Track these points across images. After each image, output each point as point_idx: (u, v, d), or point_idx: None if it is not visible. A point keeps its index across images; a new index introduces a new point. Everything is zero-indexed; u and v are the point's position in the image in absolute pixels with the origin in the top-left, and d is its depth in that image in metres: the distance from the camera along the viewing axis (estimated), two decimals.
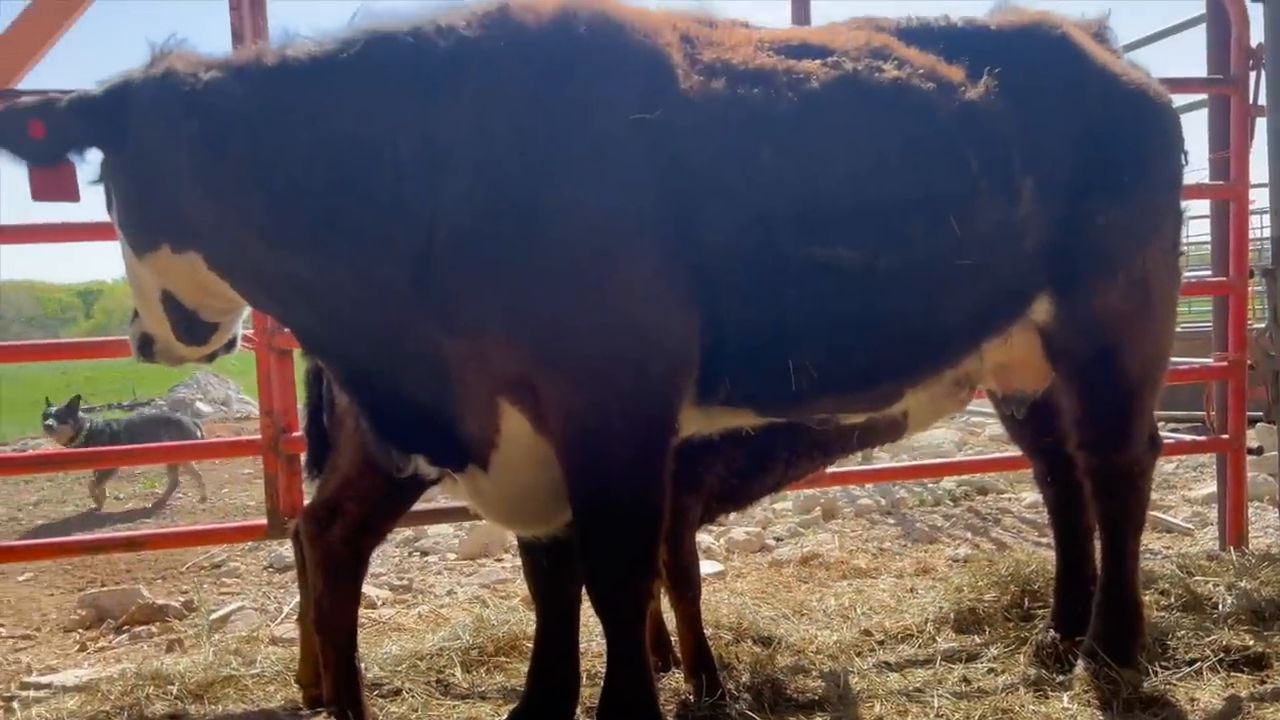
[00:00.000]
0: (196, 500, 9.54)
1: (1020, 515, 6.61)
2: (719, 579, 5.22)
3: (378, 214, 2.45)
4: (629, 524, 2.58)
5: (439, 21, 2.54)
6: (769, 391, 2.73)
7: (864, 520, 6.64)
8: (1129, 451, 3.23)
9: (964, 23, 3.06)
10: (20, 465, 7.43)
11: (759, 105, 2.59)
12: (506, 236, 2.40)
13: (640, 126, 2.46)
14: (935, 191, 2.72)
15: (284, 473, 4.17)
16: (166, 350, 2.87)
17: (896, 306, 2.76)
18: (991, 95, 2.82)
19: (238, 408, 19.98)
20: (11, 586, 6.28)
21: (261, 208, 2.48)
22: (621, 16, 2.61)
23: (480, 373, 2.54)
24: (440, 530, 6.69)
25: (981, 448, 9.06)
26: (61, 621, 5.42)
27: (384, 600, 5.31)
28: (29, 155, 2.55)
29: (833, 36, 2.87)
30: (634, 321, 2.48)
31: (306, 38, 2.60)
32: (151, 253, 2.61)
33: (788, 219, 2.58)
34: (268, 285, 2.61)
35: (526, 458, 2.66)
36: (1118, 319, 3.08)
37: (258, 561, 6.50)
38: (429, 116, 2.46)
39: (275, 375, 4.13)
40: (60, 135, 2.54)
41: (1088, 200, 2.95)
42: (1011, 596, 4.03)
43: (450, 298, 2.45)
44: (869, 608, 4.32)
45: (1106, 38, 3.32)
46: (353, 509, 3.08)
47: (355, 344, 2.62)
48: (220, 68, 2.55)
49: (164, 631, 5.00)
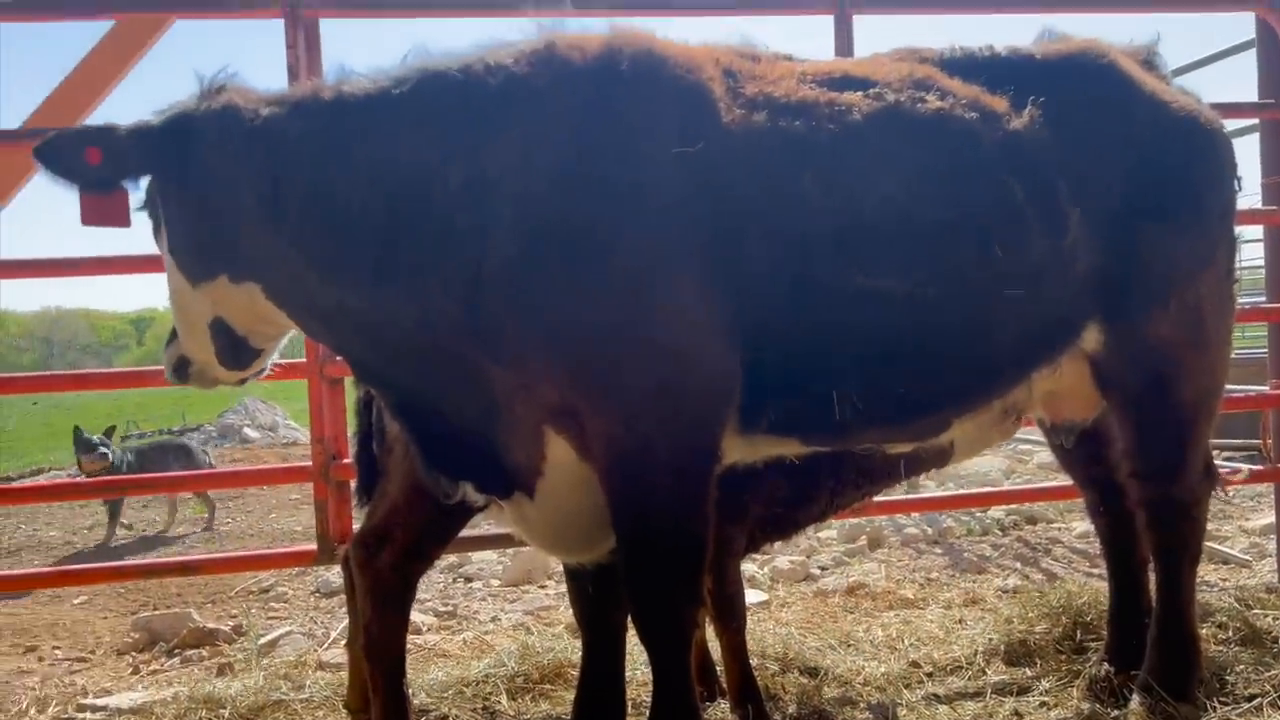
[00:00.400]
0: (201, 529, 9.71)
1: (1071, 545, 6.50)
2: (764, 608, 5.18)
3: (430, 245, 2.50)
4: (673, 551, 2.59)
5: (488, 59, 2.61)
6: (812, 420, 2.73)
7: (910, 550, 6.57)
8: (1183, 482, 3.17)
9: (1009, 52, 3.05)
10: (73, 492, 7.59)
11: (800, 136, 2.61)
12: (550, 267, 2.44)
13: (682, 159, 2.50)
14: (980, 221, 2.71)
15: (334, 499, 4.22)
16: (202, 373, 2.91)
17: (942, 336, 2.74)
18: (1036, 124, 2.81)
19: (284, 433, 20.25)
20: (67, 610, 6.41)
21: (321, 241, 2.54)
22: (664, 52, 2.66)
23: (526, 401, 2.57)
24: (484, 557, 6.72)
25: (1030, 476, 8.92)
26: (115, 644, 5.52)
27: (429, 626, 5.34)
28: (84, 180, 2.60)
29: (875, 68, 2.89)
30: (676, 351, 2.50)
31: (360, 74, 2.67)
32: (207, 282, 2.67)
33: (830, 249, 2.59)
34: (323, 315, 2.67)
35: (571, 485, 2.68)
36: (1170, 347, 3.04)
37: (305, 587, 6.57)
38: (478, 150, 2.52)
39: (326, 403, 4.19)
40: (118, 162, 2.59)
41: (1138, 227, 2.92)
42: (1063, 628, 3.96)
43: (497, 327, 2.49)
44: (917, 639, 4.27)
45: (1155, 64, 3.30)
46: (401, 535, 3.11)
47: (406, 373, 2.67)
48: (280, 103, 2.63)
49: (214, 655, 5.08)
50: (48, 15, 4.13)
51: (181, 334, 2.86)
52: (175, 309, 2.82)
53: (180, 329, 2.85)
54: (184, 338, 2.86)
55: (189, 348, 2.86)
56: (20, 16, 4.19)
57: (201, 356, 2.86)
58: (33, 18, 4.19)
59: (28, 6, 4.13)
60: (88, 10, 4.15)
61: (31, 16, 4.19)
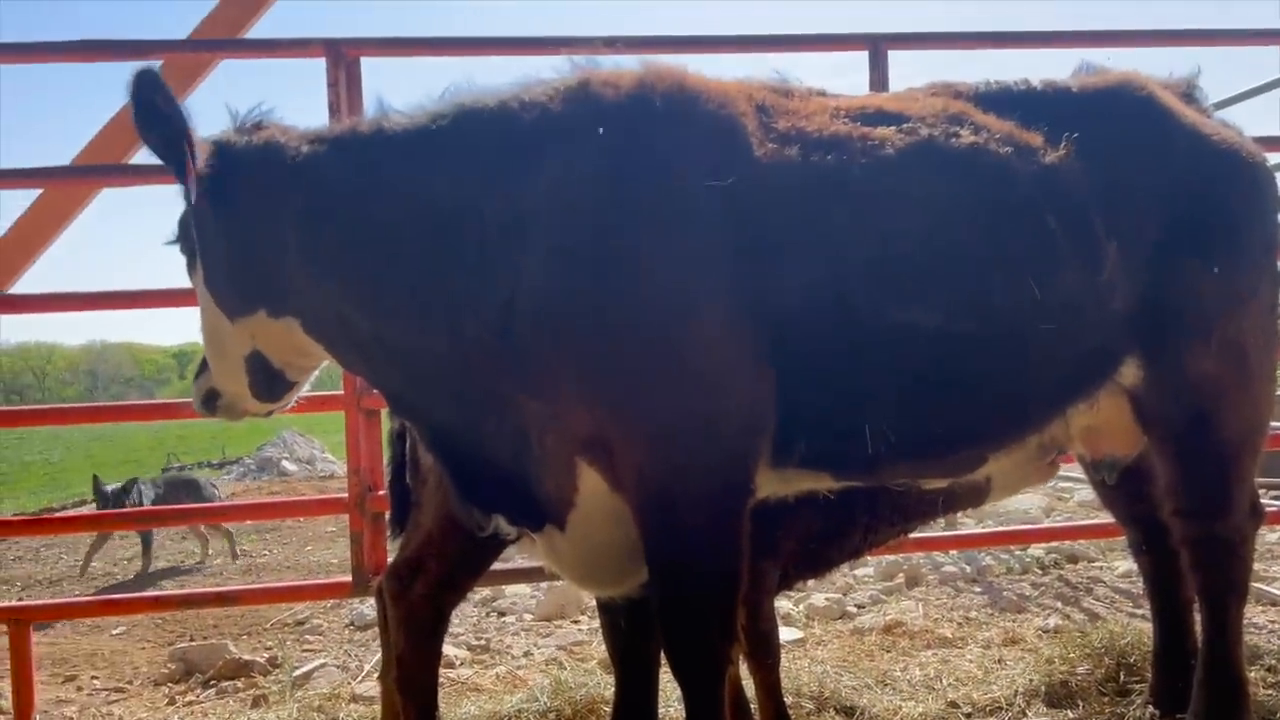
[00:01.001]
0: (216, 559, 9.89)
1: (1113, 585, 6.36)
2: (799, 646, 5.12)
3: (466, 280, 2.53)
4: (706, 585, 2.57)
5: (523, 96, 2.66)
6: (845, 454, 2.71)
7: (949, 588, 6.46)
8: (1229, 520, 3.10)
9: (1045, 85, 3.04)
10: (113, 523, 7.70)
11: (832, 171, 2.62)
12: (581, 300, 2.46)
13: (713, 193, 2.51)
14: (1013, 255, 2.69)
15: (369, 530, 4.24)
16: (232, 405, 2.94)
17: (976, 370, 2.72)
18: (1072, 158, 2.79)
19: (322, 466, 20.43)
20: (106, 640, 6.48)
21: (361, 275, 2.59)
22: (697, 89, 2.68)
23: (558, 433, 2.58)
24: (518, 590, 6.71)
25: (1070, 514, 8.77)
26: (152, 675, 5.57)
27: (462, 660, 5.33)
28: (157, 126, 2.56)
29: (909, 103, 2.89)
30: (706, 384, 2.50)
31: (399, 111, 2.72)
32: (246, 317, 2.71)
33: (862, 282, 2.59)
34: (361, 348, 2.70)
35: (603, 518, 2.68)
36: (1212, 383, 2.98)
37: (340, 619, 6.59)
38: (513, 185, 2.55)
39: (363, 434, 4.23)
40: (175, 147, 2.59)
41: (1178, 262, 2.89)
42: (1106, 670, 3.88)
43: (529, 359, 2.51)
44: (955, 679, 4.20)
45: (1195, 96, 3.27)
46: (435, 566, 3.12)
47: (441, 405, 2.69)
48: (320, 140, 2.68)
49: (249, 687, 5.09)
50: (98, 56, 4.25)
51: (214, 367, 2.88)
52: (209, 342, 2.84)
53: (213, 362, 2.88)
54: (216, 371, 2.88)
55: (221, 381, 2.89)
56: (72, 57, 4.32)
57: (233, 389, 2.88)
58: (84, 58, 4.32)
59: (78, 49, 4.26)
60: (138, 52, 4.26)
61: (82, 57, 4.31)
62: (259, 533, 11.36)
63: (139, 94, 2.54)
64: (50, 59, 4.38)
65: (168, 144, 2.59)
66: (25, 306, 4.54)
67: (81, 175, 4.83)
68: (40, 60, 4.39)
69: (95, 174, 4.76)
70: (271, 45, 4.44)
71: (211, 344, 2.84)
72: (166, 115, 2.55)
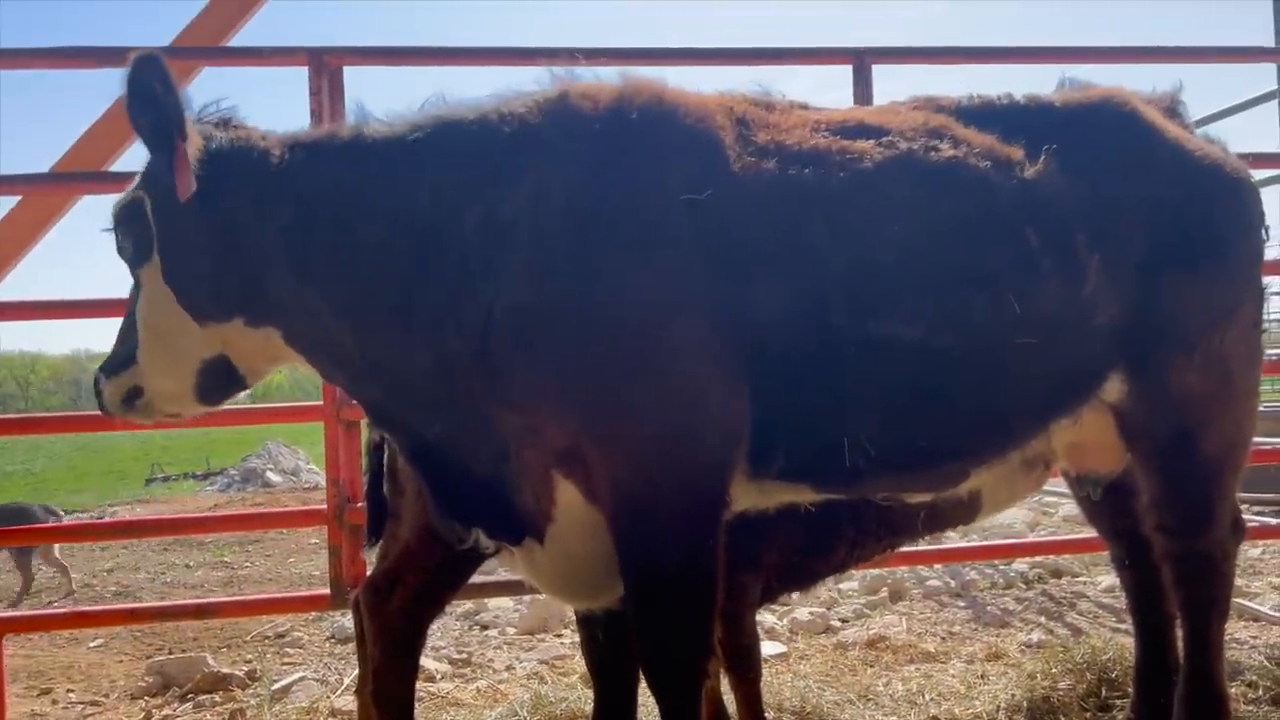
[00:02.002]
0: (63, 595, 9.50)
1: (1096, 600, 6.37)
2: (782, 660, 5.09)
3: (446, 293, 2.51)
4: (680, 597, 2.55)
5: (502, 109, 2.65)
6: (824, 467, 2.70)
7: (933, 602, 6.46)
8: (1210, 535, 3.10)
9: (1027, 100, 3.03)
10: (93, 534, 7.63)
11: (810, 185, 2.61)
12: (555, 312, 2.45)
13: (690, 207, 2.50)
14: (992, 270, 2.69)
15: (348, 543, 4.21)
16: (151, 405, 2.73)
17: (956, 385, 2.71)
18: (1053, 173, 2.79)
19: (306, 477, 20.34)
20: (83, 652, 6.41)
21: (348, 291, 2.55)
22: (675, 102, 2.68)
23: (534, 445, 2.56)
24: (500, 604, 6.67)
25: (1054, 528, 8.78)
26: (129, 688, 5.50)
27: (443, 674, 5.28)
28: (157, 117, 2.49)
29: (890, 117, 2.89)
30: (681, 396, 2.48)
31: (379, 119, 2.70)
32: (219, 323, 2.63)
33: (839, 296, 2.58)
34: (344, 361, 2.67)
35: (580, 530, 2.65)
36: (1196, 399, 2.98)
37: (320, 632, 6.54)
38: (491, 197, 2.54)
39: (343, 446, 4.19)
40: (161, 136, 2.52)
41: (1161, 278, 2.89)
42: (1088, 685, 3.88)
43: (505, 371, 2.49)
44: (938, 694, 4.19)
45: (1179, 112, 3.27)
46: (413, 579, 3.09)
47: (421, 418, 2.66)
48: (303, 149, 2.65)
49: (227, 700, 5.05)
50: (80, 62, 4.22)
51: (149, 364, 2.68)
52: (152, 339, 2.66)
53: (150, 358, 2.68)
54: (151, 368, 2.68)
55: (154, 379, 2.69)
56: (53, 63, 4.29)
57: (168, 388, 2.71)
58: (65, 64, 4.29)
59: (59, 55, 4.23)
60: (116, 59, 4.22)
61: (64, 63, 4.28)
62: (241, 545, 11.27)
63: (136, 76, 2.46)
64: (31, 65, 4.35)
65: (159, 133, 2.51)
66: (7, 314, 4.48)
67: (61, 182, 4.79)
68: (20, 66, 4.36)
69: (75, 180, 4.72)
70: (255, 54, 4.41)
71: (156, 341, 2.66)
72: (163, 102, 2.48)
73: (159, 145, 2.54)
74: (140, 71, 2.46)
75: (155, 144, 2.55)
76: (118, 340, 2.76)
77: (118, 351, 2.74)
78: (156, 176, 2.60)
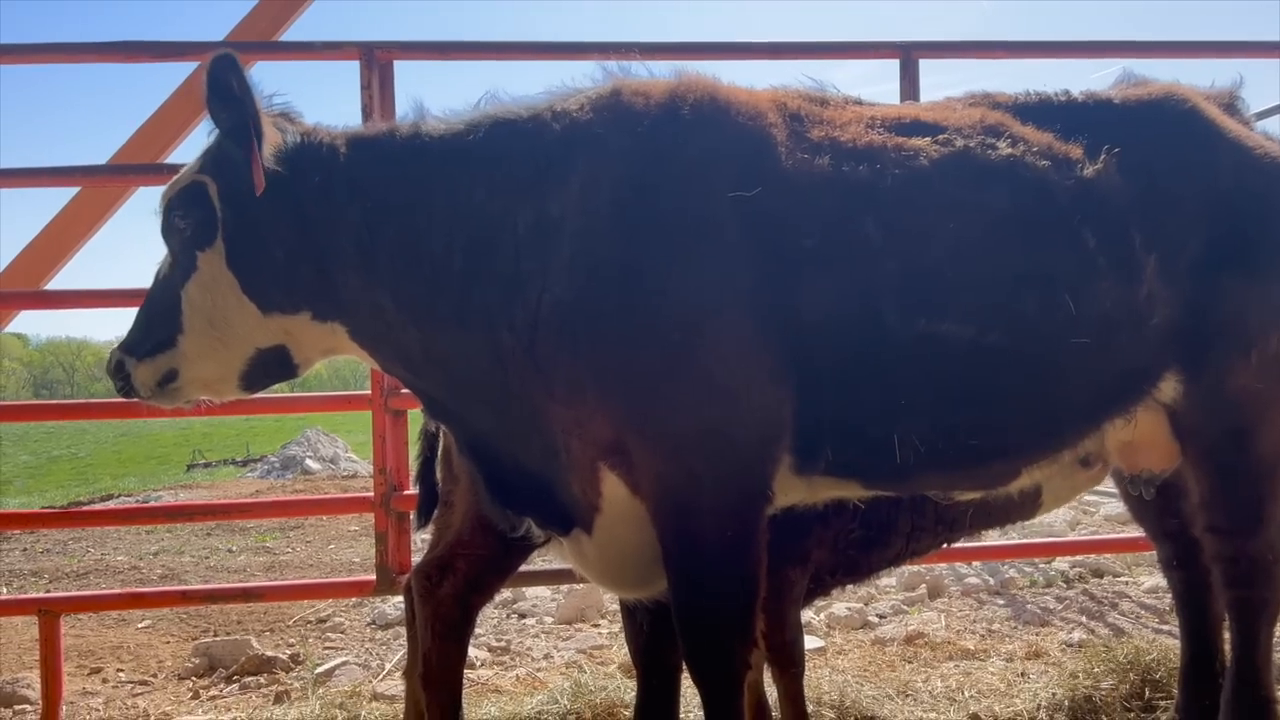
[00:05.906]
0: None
1: (1139, 600, 6.31)
2: (820, 655, 5.10)
3: (501, 289, 2.56)
4: (723, 589, 2.57)
5: (555, 106, 2.69)
6: (872, 463, 2.70)
7: (971, 599, 6.43)
8: (1263, 537, 3.06)
9: (1085, 97, 3.01)
10: (143, 516, 7.78)
11: (864, 182, 2.61)
12: (602, 306, 2.48)
13: (738, 203, 2.52)
14: (1047, 269, 2.68)
15: (394, 530, 4.27)
16: (184, 389, 2.75)
17: (1008, 384, 2.70)
18: (1111, 171, 2.77)
19: (345, 465, 20.49)
20: (131, 633, 6.54)
21: (414, 289, 2.61)
22: (728, 99, 2.69)
23: (581, 438, 2.59)
24: (538, 593, 6.73)
25: (1096, 528, 8.70)
26: (176, 669, 5.62)
27: (482, 661, 5.35)
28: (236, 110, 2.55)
29: (946, 114, 2.88)
30: (720, 392, 2.50)
31: (436, 117, 2.75)
32: (285, 315, 2.69)
33: (891, 293, 2.58)
34: (406, 356, 2.72)
35: (627, 521, 2.68)
36: (1251, 399, 2.94)
37: (361, 618, 6.63)
38: (543, 193, 2.57)
39: (389, 434, 4.26)
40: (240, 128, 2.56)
41: (1219, 276, 2.86)
42: (1131, 686, 3.85)
43: (552, 364, 2.52)
44: (977, 691, 4.18)
45: (1238, 108, 3.23)
46: (464, 566, 3.15)
47: (477, 411, 2.71)
48: (366, 147, 2.70)
49: (271, 683, 5.14)
50: (135, 57, 4.30)
51: (194, 347, 2.68)
52: (204, 323, 2.66)
53: (198, 342, 2.68)
54: (198, 353, 2.69)
55: (196, 364, 2.70)
56: (110, 57, 4.38)
57: (209, 374, 2.72)
58: (121, 58, 4.37)
59: (116, 49, 4.31)
60: (175, 54, 4.31)
61: (120, 57, 4.37)
62: (282, 530, 11.43)
63: (215, 74, 2.53)
64: (87, 59, 4.44)
65: (238, 128, 2.57)
66: (58, 302, 4.59)
67: (117, 174, 4.89)
68: (77, 60, 4.45)
69: (131, 173, 4.82)
70: (307, 48, 4.48)
71: (208, 326, 2.66)
72: (239, 99, 2.55)
73: (238, 140, 2.59)
74: (219, 70, 2.53)
75: (235, 139, 2.60)
76: (145, 323, 2.75)
77: (152, 334, 2.72)
78: (224, 163, 2.65)
